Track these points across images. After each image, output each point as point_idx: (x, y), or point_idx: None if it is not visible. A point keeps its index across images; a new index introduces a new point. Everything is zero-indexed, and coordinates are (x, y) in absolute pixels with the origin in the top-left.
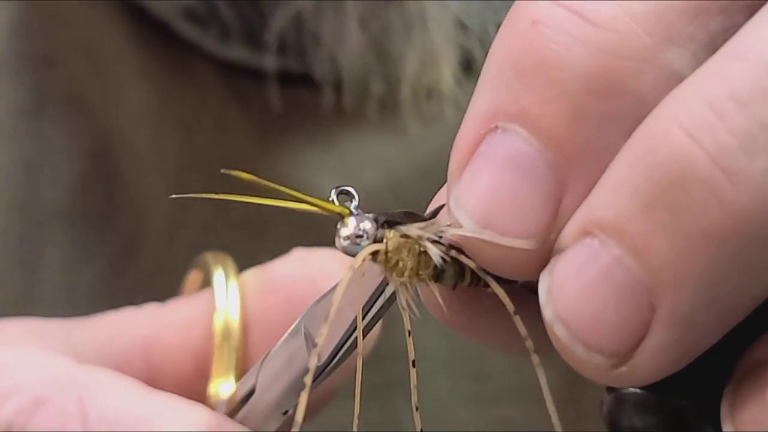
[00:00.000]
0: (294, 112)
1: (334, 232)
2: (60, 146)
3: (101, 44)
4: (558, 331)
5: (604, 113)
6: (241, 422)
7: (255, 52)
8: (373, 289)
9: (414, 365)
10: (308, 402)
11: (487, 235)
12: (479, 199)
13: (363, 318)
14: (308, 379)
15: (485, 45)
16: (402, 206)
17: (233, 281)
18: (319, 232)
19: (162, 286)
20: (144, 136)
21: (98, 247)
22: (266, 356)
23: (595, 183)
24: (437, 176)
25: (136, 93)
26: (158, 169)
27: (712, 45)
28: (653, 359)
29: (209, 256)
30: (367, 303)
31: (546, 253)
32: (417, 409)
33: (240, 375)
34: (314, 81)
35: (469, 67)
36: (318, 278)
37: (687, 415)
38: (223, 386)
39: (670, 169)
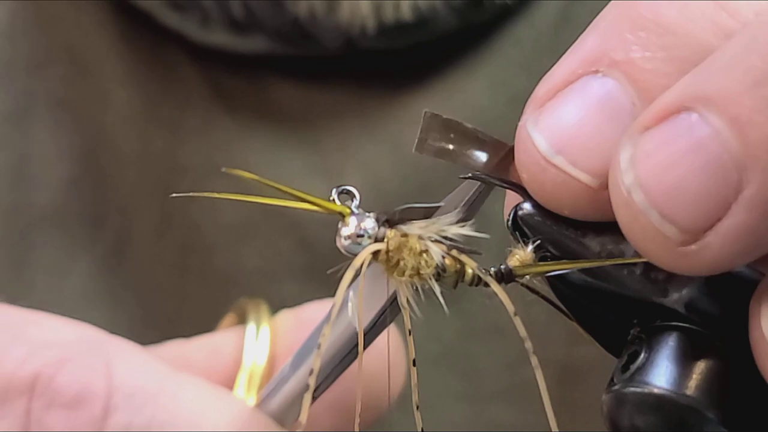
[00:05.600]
0: (279, 113)
1: (321, 233)
2: (48, 149)
3: (88, 47)
4: (636, 197)
5: None
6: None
7: (236, 36)
8: (377, 290)
9: (414, 364)
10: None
11: (558, 161)
12: (561, 126)
13: (375, 322)
14: (311, 381)
15: None
16: (384, 205)
17: (265, 326)
18: (304, 234)
19: (151, 287)
20: (131, 138)
21: (87, 248)
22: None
23: None
24: (419, 176)
25: (122, 95)
26: (146, 170)
27: None
28: (725, 243)
29: (246, 303)
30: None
31: (599, 196)
32: (417, 407)
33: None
34: (302, 70)
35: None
36: None
37: (688, 415)
38: None
39: None
